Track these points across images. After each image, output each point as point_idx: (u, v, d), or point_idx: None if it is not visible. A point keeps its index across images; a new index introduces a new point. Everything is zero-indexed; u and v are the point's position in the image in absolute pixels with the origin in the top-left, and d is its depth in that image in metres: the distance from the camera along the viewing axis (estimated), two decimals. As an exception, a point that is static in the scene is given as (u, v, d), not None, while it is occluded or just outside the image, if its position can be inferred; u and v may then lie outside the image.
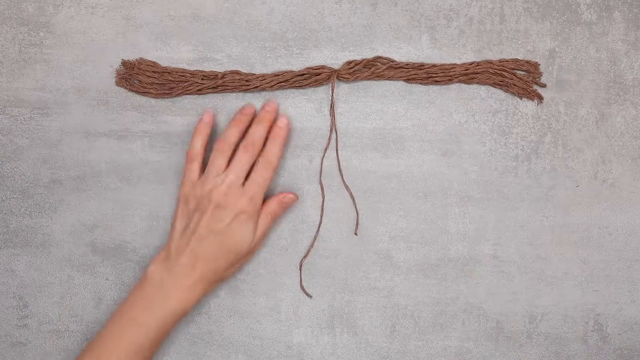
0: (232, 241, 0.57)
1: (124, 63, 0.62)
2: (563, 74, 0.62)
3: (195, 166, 0.59)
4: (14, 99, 0.62)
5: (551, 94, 0.62)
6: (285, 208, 0.61)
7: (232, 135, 0.59)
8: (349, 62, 0.61)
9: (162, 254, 0.58)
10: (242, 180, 0.58)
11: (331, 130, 0.62)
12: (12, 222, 0.63)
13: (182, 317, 0.57)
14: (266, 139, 0.59)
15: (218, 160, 0.58)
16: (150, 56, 0.62)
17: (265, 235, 0.60)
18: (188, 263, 0.56)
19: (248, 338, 0.62)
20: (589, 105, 0.62)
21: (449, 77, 0.61)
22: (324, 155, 0.62)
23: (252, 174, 0.58)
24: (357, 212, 0.62)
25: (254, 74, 0.61)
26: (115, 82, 0.62)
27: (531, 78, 0.61)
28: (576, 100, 0.62)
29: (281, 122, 0.60)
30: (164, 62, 0.62)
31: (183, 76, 0.61)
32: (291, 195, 0.61)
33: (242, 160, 0.58)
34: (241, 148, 0.58)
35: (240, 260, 0.59)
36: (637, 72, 0.62)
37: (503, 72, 0.61)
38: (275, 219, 0.61)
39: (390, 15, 0.62)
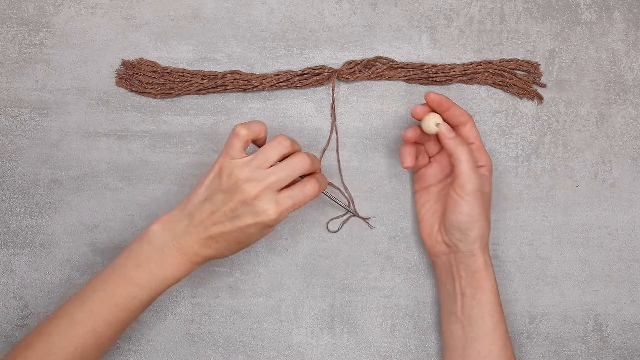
0: (245, 240, 0.54)
1: (124, 63, 0.62)
2: (563, 74, 0.62)
3: (239, 144, 0.53)
4: (14, 99, 0.62)
5: (551, 94, 0.62)
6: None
7: (291, 141, 0.54)
8: (349, 62, 0.61)
9: (170, 214, 0.54)
10: (281, 186, 0.52)
11: (331, 130, 0.62)
12: (12, 222, 0.63)
13: (174, 284, 0.55)
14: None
15: (271, 152, 0.53)
16: (150, 56, 0.62)
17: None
18: (197, 238, 0.53)
19: (248, 338, 0.62)
20: (589, 105, 0.62)
21: (449, 77, 0.61)
22: (322, 155, 0.62)
23: (295, 187, 0.53)
24: (357, 212, 0.62)
25: (254, 74, 0.61)
26: (115, 82, 0.62)
27: (531, 78, 0.61)
28: (576, 100, 0.62)
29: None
30: (164, 62, 0.62)
31: (183, 76, 0.61)
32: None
33: (295, 167, 0.53)
34: (302, 155, 0.53)
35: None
36: (637, 72, 0.62)
37: (503, 72, 0.61)
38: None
39: (390, 15, 0.62)
